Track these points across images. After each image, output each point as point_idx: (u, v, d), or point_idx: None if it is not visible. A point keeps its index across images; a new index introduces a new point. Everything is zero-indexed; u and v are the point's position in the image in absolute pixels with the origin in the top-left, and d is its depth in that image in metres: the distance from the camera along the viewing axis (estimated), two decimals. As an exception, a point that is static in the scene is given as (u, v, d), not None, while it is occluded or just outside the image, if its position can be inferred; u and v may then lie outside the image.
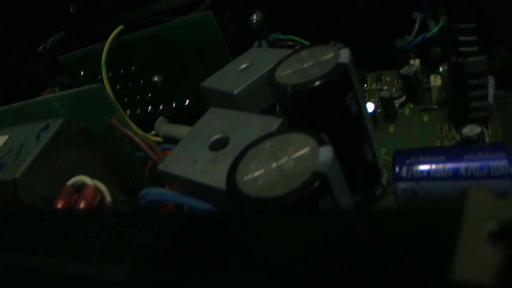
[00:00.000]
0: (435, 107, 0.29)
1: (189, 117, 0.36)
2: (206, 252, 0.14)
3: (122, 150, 0.31)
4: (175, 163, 0.21)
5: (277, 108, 0.26)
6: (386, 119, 0.29)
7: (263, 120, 0.21)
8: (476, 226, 0.11)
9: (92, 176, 0.26)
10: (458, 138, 0.24)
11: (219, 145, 0.21)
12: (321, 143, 0.17)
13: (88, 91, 0.29)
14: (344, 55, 0.20)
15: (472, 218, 0.11)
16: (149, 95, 0.36)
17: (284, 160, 0.17)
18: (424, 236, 0.11)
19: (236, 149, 0.20)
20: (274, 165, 0.17)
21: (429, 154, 0.21)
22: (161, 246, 0.15)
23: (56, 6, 0.40)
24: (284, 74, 0.21)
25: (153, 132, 0.35)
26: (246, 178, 0.17)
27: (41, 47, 0.39)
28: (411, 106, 0.30)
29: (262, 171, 0.17)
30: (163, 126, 0.34)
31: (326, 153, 0.16)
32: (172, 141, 0.32)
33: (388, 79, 0.33)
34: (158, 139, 0.34)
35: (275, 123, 0.21)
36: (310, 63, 0.21)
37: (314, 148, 0.17)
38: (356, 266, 0.12)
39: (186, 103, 0.35)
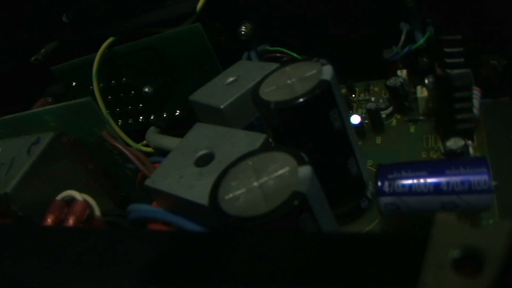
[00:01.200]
0: (421, 118, 0.29)
1: (180, 127, 0.36)
2: (190, 268, 0.15)
3: (113, 161, 0.32)
4: (162, 179, 0.22)
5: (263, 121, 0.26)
6: (373, 130, 0.29)
7: (248, 136, 0.21)
8: (442, 252, 0.11)
9: (84, 188, 0.27)
10: (442, 151, 0.24)
11: (205, 160, 0.22)
12: (300, 162, 0.17)
13: (78, 105, 0.29)
14: (327, 71, 0.21)
15: (438, 244, 0.11)
16: (140, 105, 0.36)
17: (264, 179, 0.17)
18: (390, 261, 0.12)
19: (221, 165, 0.21)
20: (255, 184, 0.17)
21: (411, 169, 0.21)
22: (147, 263, 0.16)
23: (49, 16, 0.40)
24: (268, 90, 0.22)
25: (144, 142, 0.35)
26: (227, 197, 0.17)
27: (33, 58, 0.39)
28: (398, 117, 0.30)
29: (243, 189, 0.17)
30: (154, 137, 0.34)
31: (305, 172, 0.17)
32: (162, 152, 0.33)
33: (376, 89, 0.33)
34: (149, 149, 0.34)
35: (259, 139, 0.21)
36: (293, 79, 0.21)
37: (293, 168, 0.17)
38: (327, 286, 0.12)
39: (177, 113, 0.36)
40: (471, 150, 0.25)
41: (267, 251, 0.15)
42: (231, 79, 0.27)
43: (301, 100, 0.20)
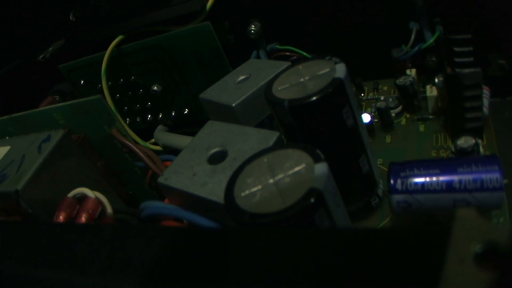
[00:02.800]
0: (431, 116, 0.29)
1: (188, 126, 0.36)
2: (204, 266, 0.15)
3: (122, 159, 0.32)
4: (175, 176, 0.22)
5: (275, 119, 0.26)
6: (382, 129, 0.30)
7: (261, 134, 0.22)
8: (463, 247, 0.11)
9: (93, 185, 0.27)
10: (452, 149, 0.24)
11: (218, 158, 0.22)
12: (316, 159, 0.17)
13: (88, 102, 0.29)
14: (340, 70, 0.21)
15: (459, 238, 0.11)
16: (149, 103, 0.37)
17: (280, 176, 0.17)
18: (412, 256, 0.12)
19: (234, 162, 0.21)
20: (271, 180, 0.17)
21: (423, 166, 0.21)
22: (160, 260, 0.16)
23: (56, 14, 0.40)
24: (281, 88, 0.22)
25: (153, 140, 0.36)
26: (243, 194, 0.17)
27: (41, 56, 0.39)
28: (408, 115, 0.30)
29: (259, 186, 0.17)
30: (162, 135, 0.35)
31: (321, 169, 0.17)
32: (171, 150, 0.33)
33: (385, 88, 0.33)
34: (158, 147, 0.34)
35: (272, 137, 0.21)
36: (306, 78, 0.22)
37: (309, 165, 0.17)
38: (346, 282, 0.12)
39: (185, 112, 0.36)
40: (481, 149, 0.25)
41: (283, 247, 0.15)
42: (242, 77, 0.27)
43: (314, 98, 0.20)
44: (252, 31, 0.32)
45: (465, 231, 0.12)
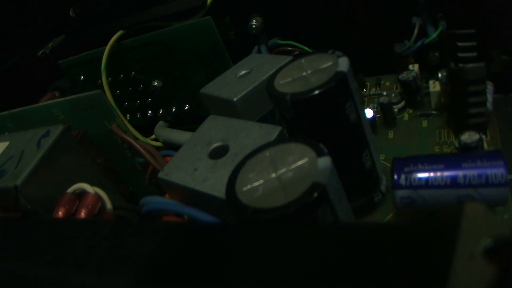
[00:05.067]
0: (434, 112, 0.29)
1: (188, 122, 0.36)
2: (205, 262, 0.14)
3: (122, 155, 0.32)
4: (175, 171, 0.21)
5: (277, 114, 0.26)
6: (385, 125, 0.29)
7: (262, 128, 0.21)
8: (472, 242, 0.11)
9: (93, 182, 0.27)
10: (456, 145, 0.24)
11: (219, 153, 0.21)
12: (319, 153, 0.17)
13: (88, 97, 0.29)
14: (343, 63, 0.21)
15: (468, 233, 0.11)
16: (149, 99, 0.36)
17: (283, 170, 0.17)
18: (420, 252, 0.11)
19: (236, 157, 0.20)
20: (273, 175, 0.17)
21: (427, 162, 0.21)
22: (161, 256, 0.16)
23: (56, 10, 0.40)
24: (283, 82, 0.21)
25: (153, 136, 0.35)
26: (245, 188, 0.17)
27: (41, 52, 0.39)
28: (410, 111, 0.30)
29: (261, 181, 0.17)
30: (163, 131, 0.34)
31: (324, 164, 0.16)
32: (171, 146, 0.32)
33: (387, 84, 0.33)
34: (158, 143, 0.34)
35: (274, 131, 0.21)
36: (309, 71, 0.21)
37: (312, 159, 0.17)
38: (352, 279, 0.12)
39: (186, 108, 0.36)
40: (485, 145, 0.25)
41: (286, 242, 0.14)
42: (243, 72, 0.26)
43: (317, 92, 0.20)
44: (253, 26, 0.32)
45: (474, 226, 0.11)
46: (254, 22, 0.32)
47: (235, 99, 0.24)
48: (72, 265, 0.17)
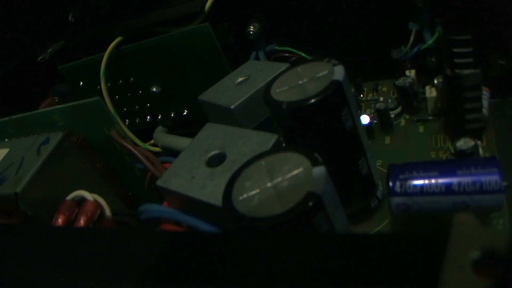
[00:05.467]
0: (430, 118, 0.29)
1: (187, 126, 0.36)
2: (202, 270, 0.15)
3: (121, 160, 0.32)
4: (173, 179, 0.22)
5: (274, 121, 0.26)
6: (382, 130, 0.29)
7: (259, 136, 0.22)
8: (461, 253, 0.11)
9: (92, 187, 0.27)
10: (452, 151, 0.24)
11: (217, 160, 0.22)
12: (314, 163, 0.17)
13: (87, 104, 0.29)
14: (339, 72, 0.21)
15: (457, 245, 0.11)
16: (148, 104, 0.36)
17: (279, 179, 0.17)
18: (410, 263, 0.12)
19: (233, 165, 0.21)
20: (269, 184, 0.17)
21: (423, 169, 0.21)
22: (159, 263, 0.16)
23: (55, 15, 0.40)
24: (280, 91, 0.22)
25: (152, 141, 0.36)
26: (241, 197, 0.17)
27: (40, 57, 0.39)
28: (407, 116, 0.30)
29: (257, 190, 0.17)
30: (161, 137, 0.35)
31: (319, 173, 0.17)
32: (170, 151, 0.33)
33: (384, 89, 0.33)
34: (157, 149, 0.34)
35: (271, 139, 0.21)
36: (305, 80, 0.21)
37: (307, 168, 0.17)
38: (345, 287, 0.12)
39: (185, 113, 0.36)
40: (480, 151, 0.25)
41: (282, 251, 0.15)
42: (241, 79, 0.27)
43: (313, 100, 0.20)
44: (251, 32, 0.32)
45: (463, 237, 0.12)
46: (252, 28, 0.32)
47: (232, 107, 0.24)
48: (72, 271, 0.17)
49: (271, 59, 0.34)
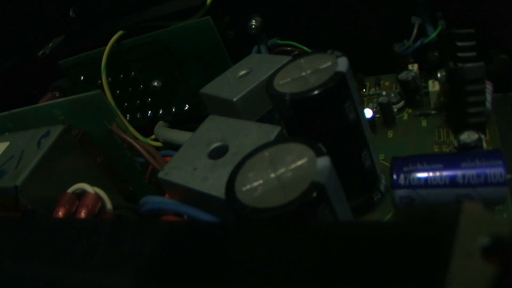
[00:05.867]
0: (433, 112, 0.29)
1: (188, 121, 0.36)
2: (205, 260, 0.15)
3: (122, 155, 0.32)
4: (175, 171, 0.21)
5: (277, 114, 0.26)
6: (384, 124, 0.29)
7: (262, 128, 0.21)
8: (470, 240, 0.11)
9: (92, 181, 0.27)
10: (455, 144, 0.24)
11: (218, 153, 0.21)
12: (318, 153, 0.17)
13: (88, 98, 0.29)
14: (342, 63, 0.21)
15: (466, 232, 0.11)
16: (149, 99, 0.36)
17: (282, 170, 0.17)
18: (418, 250, 0.11)
19: (235, 157, 0.20)
20: (272, 175, 0.17)
21: (426, 161, 0.21)
22: (161, 254, 0.16)
23: (55, 10, 0.40)
24: (283, 82, 0.22)
25: (153, 136, 0.35)
26: (244, 188, 0.17)
27: (41, 52, 0.39)
28: (410, 111, 0.30)
29: (260, 181, 0.17)
30: (163, 131, 0.34)
31: (323, 163, 0.16)
32: (172, 146, 0.33)
33: (386, 83, 0.33)
34: (158, 143, 0.34)
35: (273, 131, 0.21)
36: (308, 72, 0.21)
37: (311, 159, 0.17)
38: (349, 278, 0.12)
39: (186, 108, 0.36)
40: (484, 144, 0.25)
41: (285, 242, 0.14)
42: (242, 72, 0.26)
43: (316, 92, 0.20)
44: (253, 26, 0.32)
45: (471, 224, 0.11)
46: (253, 22, 0.32)
47: (234, 99, 0.24)
48: (73, 264, 0.17)
49: (273, 53, 0.33)
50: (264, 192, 0.17)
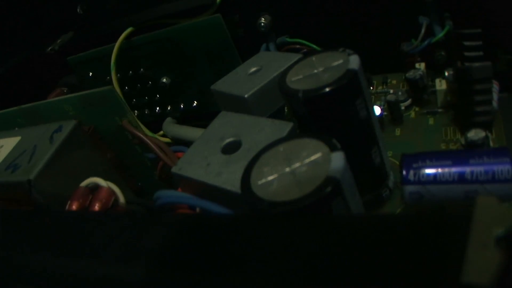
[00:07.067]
0: (440, 110, 0.29)
1: (196, 118, 0.36)
2: (219, 253, 0.15)
3: (132, 151, 0.32)
4: (189, 166, 0.22)
5: (286, 111, 0.26)
6: (392, 122, 0.30)
7: (274, 124, 0.22)
8: (485, 231, 0.11)
9: (103, 176, 0.27)
10: (463, 142, 0.25)
11: (231, 148, 0.22)
12: (333, 148, 0.17)
13: (100, 93, 0.29)
14: (354, 61, 0.21)
15: (481, 223, 0.12)
16: (157, 96, 0.37)
17: (297, 165, 0.17)
18: (434, 241, 0.12)
19: (248, 152, 0.21)
20: (287, 169, 0.17)
21: (436, 158, 0.21)
22: (175, 248, 0.16)
23: (64, 6, 0.40)
24: (295, 79, 0.22)
25: (161, 132, 0.36)
26: (260, 182, 0.17)
27: (50, 48, 0.39)
28: (417, 109, 0.30)
29: (276, 175, 0.17)
30: (171, 127, 0.35)
31: (338, 158, 0.17)
32: (180, 142, 0.33)
33: (393, 82, 0.33)
34: (167, 139, 0.34)
35: (286, 127, 0.21)
36: (320, 69, 0.22)
37: (326, 154, 0.17)
38: (367, 269, 0.12)
39: (194, 105, 0.36)
40: (491, 143, 0.25)
41: (301, 234, 0.15)
42: (253, 69, 0.27)
43: (329, 89, 0.20)
44: (262, 24, 0.33)
45: (486, 216, 0.12)
46: (263, 20, 0.32)
47: (246, 96, 0.24)
48: (89, 256, 0.17)
49: (282, 51, 0.34)
50: (280, 186, 0.17)
